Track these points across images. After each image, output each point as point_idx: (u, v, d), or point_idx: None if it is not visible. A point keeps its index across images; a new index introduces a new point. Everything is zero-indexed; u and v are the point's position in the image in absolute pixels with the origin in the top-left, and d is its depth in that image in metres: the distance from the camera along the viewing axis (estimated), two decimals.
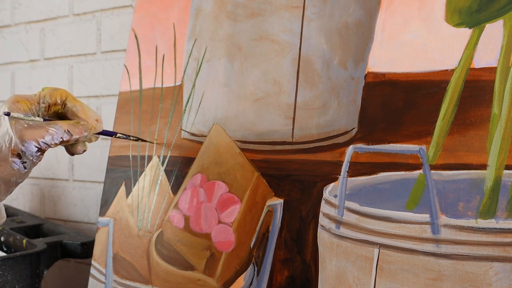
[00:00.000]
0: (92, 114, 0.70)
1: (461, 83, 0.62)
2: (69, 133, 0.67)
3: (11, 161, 0.66)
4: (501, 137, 0.58)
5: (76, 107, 0.69)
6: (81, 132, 0.68)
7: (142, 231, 0.88)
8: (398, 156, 0.65)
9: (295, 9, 0.77)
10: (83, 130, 0.68)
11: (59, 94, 0.69)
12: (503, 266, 0.56)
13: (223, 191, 0.80)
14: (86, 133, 0.69)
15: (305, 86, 0.75)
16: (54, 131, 0.66)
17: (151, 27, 0.96)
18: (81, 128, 0.68)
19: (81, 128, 0.68)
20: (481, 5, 0.62)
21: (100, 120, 0.71)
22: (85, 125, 0.69)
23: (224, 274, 0.78)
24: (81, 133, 0.68)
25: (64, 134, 0.66)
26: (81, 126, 0.68)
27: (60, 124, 0.67)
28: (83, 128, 0.68)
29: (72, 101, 0.70)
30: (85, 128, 0.68)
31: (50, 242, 1.00)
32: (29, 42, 1.38)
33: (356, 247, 0.66)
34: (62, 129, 0.66)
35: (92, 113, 0.70)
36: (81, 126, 0.68)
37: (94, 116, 0.70)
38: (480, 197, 0.58)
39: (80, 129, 0.68)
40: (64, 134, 0.66)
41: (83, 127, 0.68)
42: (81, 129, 0.68)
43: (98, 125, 0.71)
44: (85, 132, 0.68)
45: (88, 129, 0.69)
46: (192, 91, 0.88)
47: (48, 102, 0.69)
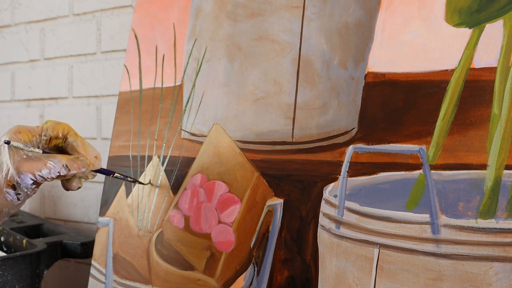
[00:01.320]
0: (92, 151, 0.70)
1: (461, 83, 0.62)
2: (67, 168, 0.66)
3: (5, 192, 0.66)
4: (501, 137, 0.58)
5: (77, 142, 0.69)
6: (79, 168, 0.68)
7: (142, 231, 0.88)
8: (398, 156, 0.65)
9: (295, 9, 0.77)
10: (81, 166, 0.68)
11: (61, 128, 0.69)
12: (503, 266, 0.56)
13: (223, 191, 0.80)
14: (84, 169, 0.68)
15: (305, 86, 0.75)
16: (52, 165, 0.66)
17: (151, 27, 0.96)
18: (79, 164, 0.68)
19: (79, 164, 0.68)
20: (481, 5, 0.62)
21: (99, 157, 0.71)
22: (83, 161, 0.68)
23: (224, 274, 0.78)
24: (79, 169, 0.68)
25: (62, 168, 0.66)
26: (80, 161, 0.68)
27: (59, 158, 0.66)
28: (82, 164, 0.68)
29: (73, 136, 0.70)
30: (83, 164, 0.68)
31: (50, 242, 1.00)
32: (29, 42, 1.38)
33: (356, 247, 0.66)
34: (60, 163, 0.66)
35: (92, 150, 0.70)
36: (80, 162, 0.68)
37: (93, 153, 0.70)
38: (480, 197, 0.58)
39: (79, 165, 0.68)
40: (62, 168, 0.66)
41: (81, 163, 0.68)
42: (80, 165, 0.68)
43: (97, 162, 0.71)
44: (83, 168, 0.68)
45: (86, 165, 0.68)
46: (192, 91, 0.88)
47: (50, 135, 0.69)
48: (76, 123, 1.27)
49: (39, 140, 0.69)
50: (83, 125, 1.26)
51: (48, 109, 1.33)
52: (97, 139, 1.23)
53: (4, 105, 1.44)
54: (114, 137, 0.97)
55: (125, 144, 0.95)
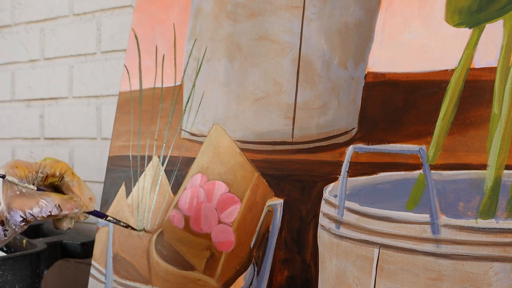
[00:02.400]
0: (87, 192, 0.69)
1: (461, 83, 0.62)
2: (59, 208, 0.65)
3: None
4: (501, 137, 0.58)
5: (73, 182, 0.68)
6: (72, 209, 0.66)
7: (142, 231, 0.88)
8: (398, 156, 0.65)
9: (295, 9, 0.77)
10: (74, 206, 0.66)
11: (59, 166, 0.68)
12: (503, 266, 0.56)
13: (223, 191, 0.80)
14: (77, 210, 0.67)
15: (305, 86, 0.75)
16: (44, 204, 0.64)
17: (151, 27, 0.96)
18: (72, 204, 0.66)
19: (72, 204, 0.66)
20: (481, 5, 0.62)
21: (94, 199, 0.70)
22: (77, 201, 0.67)
23: (224, 274, 0.78)
24: (72, 209, 0.66)
25: (54, 208, 0.65)
26: (73, 202, 0.67)
27: (53, 197, 0.65)
28: (75, 205, 0.67)
29: (70, 176, 0.68)
30: (76, 205, 0.67)
31: (50, 242, 1.00)
32: (29, 42, 1.38)
33: (356, 247, 0.66)
34: (53, 202, 0.65)
35: (88, 191, 0.69)
36: (73, 202, 0.67)
37: (89, 194, 0.69)
38: (480, 197, 0.58)
39: (72, 205, 0.66)
40: (54, 208, 0.65)
41: (74, 204, 0.67)
42: (73, 205, 0.66)
43: (91, 204, 0.69)
44: (75, 209, 0.67)
45: (79, 207, 0.67)
46: (192, 91, 0.88)
47: (47, 172, 0.68)
48: (76, 123, 1.27)
49: (35, 176, 0.67)
50: (83, 125, 1.26)
51: (48, 109, 1.33)
52: (97, 139, 1.23)
53: (4, 105, 1.44)
54: (114, 137, 0.97)
55: (125, 144, 0.95)
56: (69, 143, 1.29)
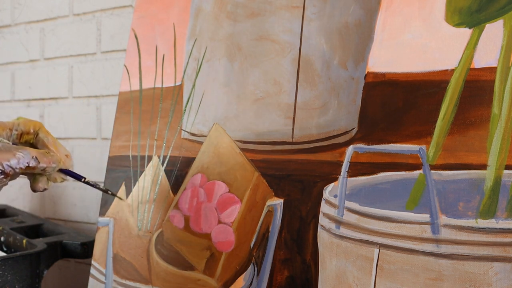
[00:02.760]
0: (62, 149, 0.69)
1: (461, 83, 0.62)
2: (37, 160, 0.65)
3: None
4: (501, 137, 0.58)
5: (48, 138, 0.69)
6: (49, 162, 0.66)
7: (142, 231, 0.88)
8: (398, 156, 0.65)
9: (295, 9, 0.77)
10: (52, 161, 0.67)
11: (33, 124, 0.69)
12: (503, 266, 0.56)
13: (223, 191, 0.80)
14: (54, 165, 0.67)
15: (305, 86, 0.75)
16: (21, 155, 0.64)
17: (151, 27, 0.96)
18: (50, 158, 0.66)
19: (50, 158, 0.66)
20: (481, 5, 0.62)
21: (70, 156, 0.70)
22: (54, 156, 0.67)
23: (224, 274, 0.78)
24: (49, 163, 0.66)
25: (31, 160, 0.65)
26: (50, 156, 0.67)
27: (29, 150, 0.65)
28: (52, 159, 0.67)
29: (44, 133, 0.69)
30: (53, 160, 0.67)
31: (50, 242, 1.00)
32: (29, 42, 1.38)
33: (356, 247, 0.66)
34: (30, 155, 0.65)
35: (63, 148, 0.69)
36: (50, 157, 0.67)
37: (64, 151, 0.69)
38: (480, 197, 0.58)
39: (49, 159, 0.66)
40: (31, 160, 0.65)
41: (52, 158, 0.67)
42: (50, 159, 0.66)
43: (68, 161, 0.69)
44: (53, 164, 0.67)
45: (56, 161, 0.67)
46: (192, 91, 0.88)
47: (22, 130, 0.68)
48: (76, 123, 1.27)
49: (9, 134, 0.68)
50: (83, 125, 1.26)
51: (48, 109, 1.33)
52: (97, 139, 1.23)
53: (4, 105, 1.44)
54: (114, 137, 0.97)
55: (125, 144, 0.95)
56: (69, 143, 1.29)
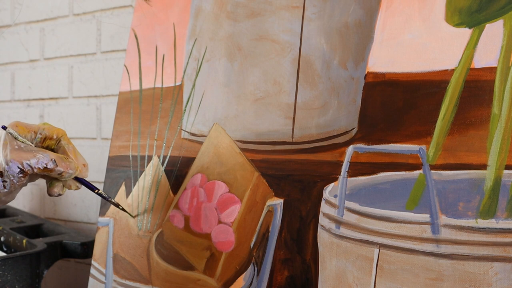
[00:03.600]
0: (81, 158, 0.72)
1: (461, 83, 0.62)
2: (55, 163, 0.68)
3: None
4: (501, 137, 0.58)
5: (69, 146, 0.71)
6: (67, 168, 0.69)
7: (142, 231, 0.88)
8: (398, 156, 0.65)
9: (295, 9, 0.77)
10: (69, 166, 0.69)
11: (56, 131, 0.72)
12: (503, 266, 0.56)
13: (223, 191, 0.80)
14: (71, 171, 0.70)
15: (305, 86, 0.75)
16: (41, 156, 0.67)
17: (151, 27, 0.96)
18: (67, 164, 0.69)
19: (67, 164, 0.69)
20: (481, 5, 0.62)
21: (87, 166, 0.73)
22: (72, 162, 0.70)
23: (224, 274, 0.78)
24: (67, 169, 0.69)
25: (50, 162, 0.68)
26: (68, 162, 0.70)
27: (49, 153, 0.68)
28: (69, 165, 0.69)
29: (66, 140, 0.72)
30: (71, 166, 0.70)
31: (50, 242, 1.00)
32: (29, 42, 1.38)
33: (356, 247, 0.66)
34: (49, 157, 0.68)
35: (82, 158, 0.72)
36: (68, 163, 0.69)
37: (83, 161, 0.72)
38: (480, 197, 0.58)
39: (67, 165, 0.69)
40: (50, 162, 0.68)
41: (69, 164, 0.70)
42: (67, 165, 0.69)
43: (84, 170, 0.72)
44: (70, 170, 0.70)
45: (74, 168, 0.70)
46: (192, 91, 0.88)
47: (46, 134, 0.71)
48: (76, 123, 1.27)
49: (34, 137, 0.71)
50: (83, 125, 1.26)
51: (48, 109, 1.33)
52: (97, 139, 1.23)
53: (4, 105, 1.44)
54: (114, 137, 0.97)
55: (125, 144, 0.95)
56: None
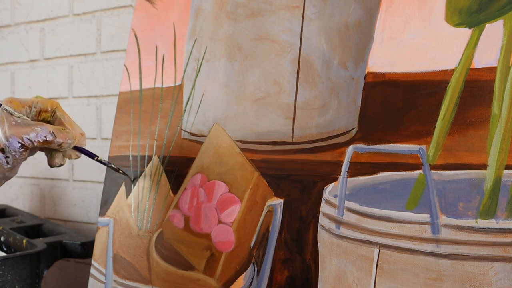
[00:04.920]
0: (77, 128, 0.73)
1: (461, 83, 0.62)
2: (53, 135, 0.69)
3: None
4: (501, 137, 0.58)
5: (64, 117, 0.73)
6: (65, 138, 0.70)
7: (142, 231, 0.88)
8: (398, 156, 0.65)
9: (295, 9, 0.77)
10: (67, 137, 0.71)
11: (50, 103, 0.73)
12: (503, 266, 0.56)
13: (223, 191, 0.80)
14: (70, 141, 0.71)
15: (305, 86, 0.75)
16: (39, 129, 0.69)
17: (151, 27, 0.96)
18: (65, 135, 0.71)
19: (65, 135, 0.71)
20: (481, 5, 0.62)
21: (84, 135, 0.74)
22: (70, 132, 0.71)
23: (224, 274, 0.78)
24: (65, 139, 0.70)
25: (49, 134, 0.69)
26: (66, 132, 0.71)
27: (46, 126, 0.69)
28: (68, 135, 0.71)
29: (61, 111, 0.73)
30: (69, 136, 0.71)
31: (50, 242, 1.00)
32: (29, 42, 1.38)
33: (356, 247, 0.66)
34: (47, 129, 0.69)
35: (78, 127, 0.74)
36: (66, 133, 0.71)
37: (79, 130, 0.73)
38: (480, 197, 0.58)
39: (65, 135, 0.70)
40: (49, 134, 0.69)
41: (67, 134, 0.71)
42: (66, 136, 0.71)
43: (82, 139, 0.74)
44: (69, 140, 0.71)
45: (72, 138, 0.71)
46: (192, 91, 0.88)
47: (40, 107, 0.72)
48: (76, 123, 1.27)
49: (29, 111, 0.72)
50: (83, 125, 1.26)
51: None
52: (97, 139, 1.23)
53: None
54: (114, 137, 0.97)
55: (125, 144, 0.95)
56: None
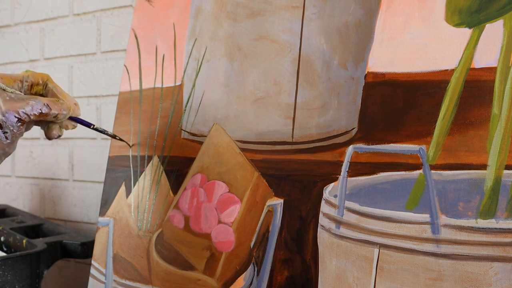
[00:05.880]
0: (71, 98, 0.74)
1: (461, 83, 0.62)
2: (48, 107, 0.70)
3: None
4: (501, 137, 0.58)
5: (57, 88, 0.73)
6: (60, 109, 0.71)
7: (142, 231, 0.88)
8: (398, 156, 0.65)
9: (295, 9, 0.77)
10: (62, 108, 0.71)
11: (41, 75, 0.73)
12: (503, 266, 0.56)
13: (223, 191, 0.80)
14: (65, 112, 0.72)
15: (305, 86, 0.75)
16: (34, 103, 0.69)
17: (151, 27, 0.96)
18: (60, 106, 0.71)
19: (60, 106, 0.71)
20: (481, 5, 0.62)
21: (78, 105, 0.75)
22: (64, 103, 0.72)
23: (224, 274, 0.78)
24: (60, 110, 0.71)
25: (44, 107, 0.69)
26: (60, 104, 0.71)
27: (40, 99, 0.70)
28: (62, 107, 0.71)
29: (52, 83, 0.74)
30: (64, 107, 0.72)
31: (50, 242, 1.00)
32: (29, 42, 1.38)
33: (356, 247, 0.66)
34: (42, 102, 0.69)
35: (71, 97, 0.74)
36: (60, 104, 0.71)
37: (72, 100, 0.74)
38: (480, 197, 0.58)
39: (60, 107, 0.71)
40: (44, 107, 0.69)
41: (62, 105, 0.71)
42: (60, 107, 0.71)
43: (76, 109, 0.74)
44: (64, 111, 0.71)
45: (67, 108, 0.72)
46: (192, 91, 0.88)
47: (31, 81, 0.72)
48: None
49: (20, 86, 0.72)
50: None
51: None
52: (97, 139, 1.23)
53: None
54: None
55: (125, 144, 0.95)
56: (69, 143, 1.29)
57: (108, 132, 0.83)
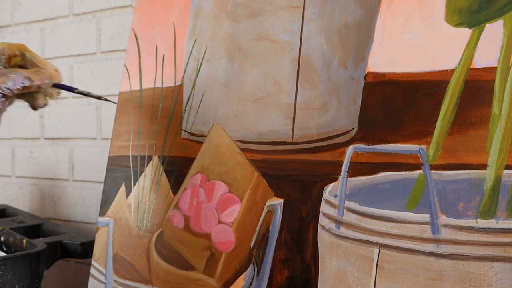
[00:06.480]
0: (51, 66, 0.73)
1: (461, 83, 0.62)
2: (30, 79, 0.69)
3: None
4: (501, 137, 0.58)
5: (35, 57, 0.72)
6: (42, 79, 0.71)
7: (142, 231, 0.88)
8: (398, 156, 0.65)
9: (295, 9, 0.77)
10: (44, 77, 0.71)
11: (17, 46, 0.73)
12: (503, 266, 0.56)
13: (223, 191, 0.80)
14: (47, 81, 0.71)
15: (305, 86, 0.75)
16: (15, 77, 0.69)
17: (151, 27, 0.96)
18: (41, 76, 0.71)
19: (41, 76, 0.71)
20: (481, 5, 0.62)
21: (59, 71, 0.74)
22: (45, 72, 0.71)
23: (224, 274, 0.78)
24: (42, 80, 0.71)
25: (25, 80, 0.69)
26: (41, 73, 0.71)
27: (21, 71, 0.70)
28: (43, 76, 0.71)
29: (30, 52, 0.73)
30: (45, 76, 0.71)
31: (50, 242, 1.00)
32: (29, 42, 1.37)
33: (356, 247, 0.66)
34: (22, 75, 0.69)
35: (51, 64, 0.73)
36: (41, 74, 0.71)
37: (53, 67, 0.73)
38: (480, 197, 0.58)
39: (41, 76, 0.70)
40: (25, 80, 0.69)
41: (43, 75, 0.71)
42: (42, 77, 0.71)
43: (58, 75, 0.74)
44: (46, 80, 0.71)
45: (48, 77, 0.71)
46: (192, 91, 0.88)
47: (8, 53, 0.72)
48: (76, 123, 1.27)
49: None
50: (83, 125, 1.26)
51: (48, 109, 1.33)
52: (97, 139, 1.23)
53: None
54: (114, 137, 0.97)
55: (125, 144, 0.95)
56: (69, 143, 1.29)
57: (92, 94, 0.81)
